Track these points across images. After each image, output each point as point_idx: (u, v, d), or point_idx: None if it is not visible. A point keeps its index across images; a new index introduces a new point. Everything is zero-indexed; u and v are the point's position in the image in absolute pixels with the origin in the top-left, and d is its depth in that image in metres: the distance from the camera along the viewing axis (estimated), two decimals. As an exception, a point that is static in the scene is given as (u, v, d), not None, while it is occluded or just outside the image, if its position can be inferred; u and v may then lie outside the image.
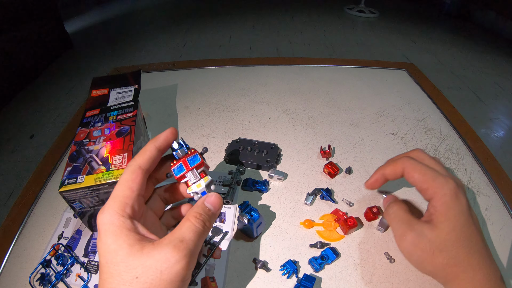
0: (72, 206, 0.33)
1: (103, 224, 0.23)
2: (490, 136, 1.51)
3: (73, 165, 0.33)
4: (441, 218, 0.28)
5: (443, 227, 0.27)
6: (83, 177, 0.32)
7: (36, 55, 2.07)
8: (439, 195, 0.28)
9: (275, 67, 0.73)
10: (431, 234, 0.27)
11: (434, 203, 0.29)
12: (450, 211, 0.28)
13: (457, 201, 0.28)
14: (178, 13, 3.19)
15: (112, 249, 0.22)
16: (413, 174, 0.31)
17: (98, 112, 0.40)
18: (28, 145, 1.51)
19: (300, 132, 0.53)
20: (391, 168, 0.33)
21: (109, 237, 0.22)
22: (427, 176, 0.30)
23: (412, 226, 0.29)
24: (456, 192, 0.28)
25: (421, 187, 0.30)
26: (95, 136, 0.37)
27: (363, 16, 2.97)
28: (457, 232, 0.27)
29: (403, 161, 0.32)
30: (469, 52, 2.30)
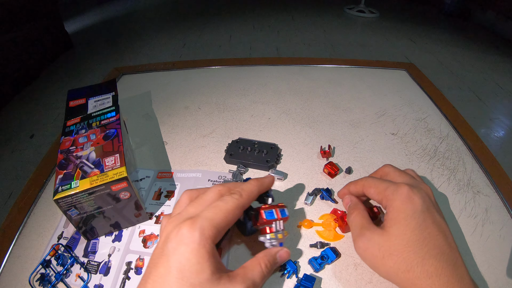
0: (67, 215, 0.32)
1: (192, 242, 0.23)
2: (490, 136, 1.51)
3: (64, 172, 0.33)
4: (391, 222, 0.27)
5: (392, 231, 0.27)
6: (77, 181, 0.32)
7: (36, 55, 2.07)
8: (390, 201, 0.29)
9: (275, 67, 0.73)
10: (380, 239, 0.27)
11: (387, 210, 0.29)
12: (399, 214, 0.27)
13: (408, 204, 0.27)
14: (178, 13, 3.19)
15: (194, 269, 0.23)
16: (369, 190, 0.32)
17: (79, 120, 0.40)
18: (28, 145, 1.51)
19: (300, 132, 0.53)
20: (353, 187, 0.35)
21: (195, 257, 0.23)
22: (379, 188, 0.30)
23: (364, 232, 0.29)
24: (408, 195, 0.28)
25: (378, 200, 0.31)
26: (81, 143, 0.37)
27: (363, 16, 2.97)
28: (408, 235, 0.26)
29: (363, 180, 0.33)
30: (469, 52, 2.30)
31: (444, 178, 0.44)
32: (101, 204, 0.33)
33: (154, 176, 0.45)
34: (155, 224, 0.39)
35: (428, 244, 0.26)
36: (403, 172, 0.33)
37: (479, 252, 0.35)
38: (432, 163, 0.47)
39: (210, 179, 0.44)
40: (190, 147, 0.51)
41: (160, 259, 0.24)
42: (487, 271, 0.33)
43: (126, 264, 0.35)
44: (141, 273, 0.34)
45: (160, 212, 0.40)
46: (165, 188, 0.43)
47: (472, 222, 0.39)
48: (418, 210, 0.27)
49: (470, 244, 0.36)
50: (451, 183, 0.44)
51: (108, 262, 0.35)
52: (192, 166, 0.47)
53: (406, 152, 0.49)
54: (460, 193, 0.42)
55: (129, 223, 0.38)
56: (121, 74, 0.73)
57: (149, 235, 0.38)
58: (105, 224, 0.36)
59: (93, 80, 1.95)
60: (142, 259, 0.35)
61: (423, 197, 0.28)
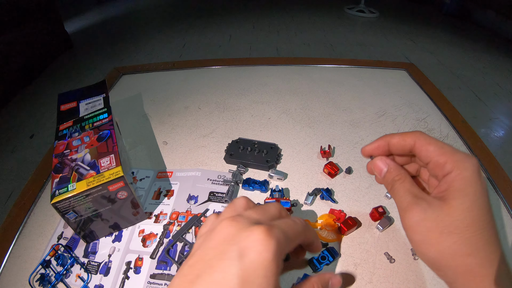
0: (65, 218, 0.32)
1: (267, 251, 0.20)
2: (490, 136, 1.51)
3: (60, 176, 0.33)
4: (457, 194, 0.22)
5: (457, 205, 0.22)
6: (74, 184, 0.32)
7: (36, 55, 2.07)
8: (459, 170, 0.23)
9: (275, 67, 0.73)
10: (440, 211, 0.22)
11: (451, 179, 0.23)
12: (469, 187, 0.22)
13: (479, 179, 0.23)
14: (178, 13, 3.19)
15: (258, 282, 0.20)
16: (428, 147, 0.25)
17: (71, 123, 0.40)
18: (28, 145, 1.51)
19: (300, 132, 0.53)
20: (399, 138, 0.27)
21: (264, 270, 0.20)
22: (444, 149, 0.24)
23: (418, 201, 0.24)
24: (478, 169, 0.23)
25: (437, 161, 0.24)
26: (75, 146, 0.37)
27: (363, 16, 2.97)
28: (474, 213, 0.22)
29: (414, 133, 0.26)
30: (469, 52, 2.30)
31: (444, 178, 0.44)
32: (98, 205, 0.33)
33: (153, 176, 0.45)
34: (154, 223, 0.39)
35: (492, 228, 0.22)
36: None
37: (479, 252, 0.35)
38: (432, 163, 0.47)
39: (210, 178, 0.44)
40: (190, 147, 0.51)
41: (218, 262, 0.20)
42: (487, 271, 0.33)
43: (125, 264, 0.35)
44: (140, 272, 0.34)
45: (160, 211, 0.40)
46: (164, 187, 0.43)
47: (472, 222, 0.38)
48: (485, 189, 0.23)
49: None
50: (451, 183, 0.44)
51: (108, 262, 0.35)
52: (192, 166, 0.47)
53: (406, 152, 0.49)
54: (460, 193, 0.42)
55: (128, 222, 0.38)
56: (121, 74, 0.73)
57: (148, 235, 0.38)
58: (104, 226, 0.36)
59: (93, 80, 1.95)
60: (141, 258, 0.35)
61: None
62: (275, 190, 0.42)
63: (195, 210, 0.40)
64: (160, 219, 0.39)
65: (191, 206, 0.41)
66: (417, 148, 0.26)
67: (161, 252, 0.36)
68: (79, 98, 0.45)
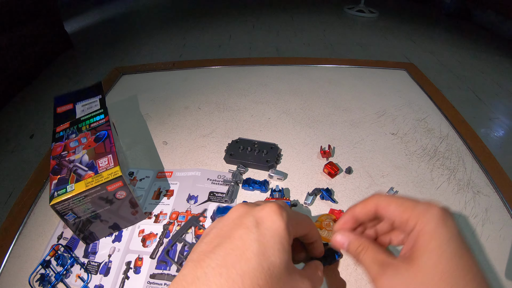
0: (65, 219, 0.32)
1: (280, 220, 0.23)
2: (490, 136, 1.51)
3: (58, 177, 0.33)
4: (421, 251, 0.22)
5: (423, 262, 0.22)
6: (73, 185, 0.32)
7: (36, 55, 2.07)
8: (421, 224, 0.23)
9: (275, 67, 0.73)
10: (408, 274, 0.22)
11: (415, 235, 0.24)
12: (433, 240, 0.22)
13: (443, 227, 0.23)
14: (178, 13, 3.19)
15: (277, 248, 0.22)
16: (388, 208, 0.26)
17: (68, 125, 0.40)
18: (28, 145, 1.51)
19: (300, 132, 0.53)
20: (361, 207, 0.28)
21: (279, 236, 0.22)
22: (405, 206, 0.25)
23: (385, 269, 0.24)
24: (442, 217, 0.23)
25: (400, 220, 0.25)
26: (72, 147, 0.37)
27: (363, 16, 2.97)
28: (443, 265, 0.22)
29: (374, 197, 0.27)
30: (469, 52, 2.30)
31: (444, 178, 0.44)
32: (97, 206, 0.33)
33: (153, 176, 0.45)
34: (154, 223, 0.39)
35: (468, 274, 0.22)
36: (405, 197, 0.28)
37: (479, 252, 0.35)
38: (432, 163, 0.47)
39: (209, 178, 0.44)
40: (190, 147, 0.51)
41: (235, 231, 0.22)
42: (487, 271, 0.33)
43: (125, 264, 0.35)
44: (140, 272, 0.34)
45: (160, 211, 0.40)
46: (164, 187, 0.43)
47: (472, 222, 0.38)
48: (454, 235, 0.23)
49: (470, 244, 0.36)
50: (451, 183, 0.44)
51: (108, 262, 0.35)
52: (192, 166, 0.47)
53: (406, 152, 0.49)
54: (460, 193, 0.42)
55: (128, 222, 0.38)
56: (121, 74, 0.73)
57: (148, 235, 0.38)
58: (104, 227, 0.36)
59: (93, 80, 1.95)
60: (141, 258, 0.35)
61: (455, 223, 0.24)
62: (275, 190, 0.42)
63: (195, 210, 0.40)
64: (160, 219, 0.39)
65: (191, 206, 0.41)
66: (380, 212, 0.27)
67: (161, 252, 0.36)
68: (75, 100, 0.45)
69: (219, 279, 0.20)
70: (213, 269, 0.21)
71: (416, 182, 0.44)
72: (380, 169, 0.46)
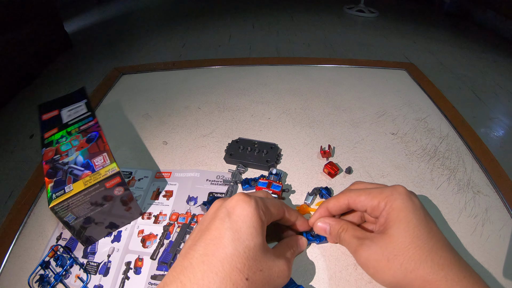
0: (64, 222, 0.32)
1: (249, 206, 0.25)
2: (490, 136, 1.51)
3: (54, 180, 0.33)
4: (392, 223, 0.26)
5: (393, 231, 0.26)
6: (71, 185, 0.32)
7: (36, 55, 2.07)
8: (389, 203, 0.27)
9: (275, 67, 0.73)
10: (382, 242, 0.26)
11: (385, 212, 0.27)
12: (401, 212, 0.26)
13: (409, 202, 0.26)
14: (177, 13, 3.19)
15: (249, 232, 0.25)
16: (360, 199, 0.29)
17: (57, 130, 0.40)
18: (28, 145, 1.51)
19: (300, 132, 0.53)
20: (334, 202, 0.32)
21: (250, 220, 0.25)
22: (373, 193, 0.29)
23: (362, 241, 0.28)
24: (407, 194, 0.27)
25: (371, 205, 0.29)
26: (64, 150, 0.36)
27: (363, 15, 2.97)
28: (411, 231, 0.25)
29: (345, 193, 0.31)
30: (469, 52, 2.30)
31: (444, 178, 0.44)
32: (96, 204, 0.33)
33: (152, 176, 0.45)
34: (154, 224, 0.39)
35: (433, 237, 0.25)
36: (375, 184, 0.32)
37: (479, 252, 0.35)
38: (432, 163, 0.47)
39: (209, 179, 0.44)
40: (190, 147, 0.51)
41: (212, 223, 0.25)
42: (487, 271, 0.33)
43: (125, 264, 0.35)
44: (140, 272, 0.34)
45: (159, 212, 0.40)
46: (163, 187, 0.43)
47: (472, 222, 0.38)
48: (418, 207, 0.27)
49: (470, 244, 0.36)
50: (451, 183, 0.44)
51: (107, 262, 0.35)
52: (192, 166, 0.47)
53: (406, 152, 0.49)
54: (460, 193, 0.42)
55: (124, 219, 0.38)
56: (121, 74, 0.73)
57: (148, 235, 0.38)
58: (100, 228, 0.36)
59: (93, 80, 1.95)
60: (141, 259, 0.35)
61: (418, 198, 0.28)
62: (271, 173, 0.42)
63: (195, 211, 0.40)
64: (160, 220, 0.39)
65: (190, 207, 0.41)
66: (352, 204, 0.30)
67: (161, 253, 0.36)
68: (60, 107, 0.44)
69: (203, 266, 0.23)
70: (197, 258, 0.23)
71: (416, 182, 0.44)
72: (380, 169, 0.46)
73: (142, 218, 0.40)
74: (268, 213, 0.28)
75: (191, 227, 0.38)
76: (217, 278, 0.22)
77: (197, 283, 0.22)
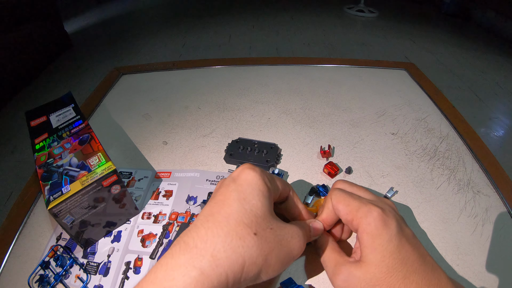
0: (63, 223, 0.32)
1: (254, 172, 0.26)
2: (490, 136, 1.51)
3: (50, 182, 0.33)
4: (367, 250, 0.26)
5: (370, 260, 0.25)
6: (68, 186, 0.32)
7: (36, 55, 2.07)
8: (363, 226, 0.26)
9: (275, 67, 0.73)
10: (359, 272, 0.26)
11: (359, 236, 0.27)
12: (375, 240, 0.26)
13: (384, 228, 0.26)
14: (177, 13, 3.19)
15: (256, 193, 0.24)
16: (338, 206, 0.29)
17: (47, 135, 0.40)
18: (28, 145, 1.51)
19: (300, 132, 0.53)
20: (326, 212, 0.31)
21: (256, 184, 0.25)
22: (351, 207, 0.28)
23: (339, 268, 0.27)
24: (382, 219, 0.26)
25: (346, 219, 0.28)
26: (57, 154, 0.36)
27: (363, 15, 2.97)
28: (387, 261, 0.25)
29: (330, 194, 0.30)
30: (469, 52, 2.30)
31: (444, 178, 0.44)
32: (95, 204, 0.34)
33: (152, 176, 0.45)
34: (153, 223, 0.39)
35: (407, 262, 0.25)
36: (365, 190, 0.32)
37: (479, 252, 0.35)
38: (432, 163, 0.47)
39: (208, 179, 0.44)
40: (190, 147, 0.51)
41: (217, 191, 0.25)
42: (487, 271, 0.33)
43: (125, 264, 0.35)
44: (140, 272, 0.34)
45: (159, 212, 0.40)
46: (163, 187, 0.43)
47: (472, 222, 0.38)
48: (394, 234, 0.26)
49: (470, 244, 0.36)
50: (451, 183, 0.44)
51: (107, 262, 0.35)
52: (192, 166, 0.47)
53: (406, 152, 0.49)
54: (460, 193, 0.42)
55: (122, 216, 0.38)
56: (121, 74, 0.73)
57: (147, 235, 0.38)
58: (99, 229, 0.36)
59: (93, 80, 1.95)
60: (140, 258, 0.35)
61: (395, 218, 0.27)
62: (274, 173, 0.43)
63: (194, 211, 0.40)
64: (159, 220, 0.39)
65: (190, 206, 0.41)
66: (333, 208, 0.30)
67: (160, 253, 0.36)
68: (48, 112, 0.44)
69: (207, 224, 0.22)
70: (201, 219, 0.23)
71: (416, 182, 0.44)
72: (380, 169, 0.46)
73: (142, 218, 0.40)
74: (273, 182, 0.27)
75: (191, 227, 0.38)
76: (222, 232, 0.22)
77: (201, 239, 0.21)
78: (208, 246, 0.21)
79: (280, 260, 0.24)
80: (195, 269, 0.20)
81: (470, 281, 0.32)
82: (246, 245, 0.22)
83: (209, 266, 0.20)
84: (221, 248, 0.21)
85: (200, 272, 0.20)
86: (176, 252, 0.21)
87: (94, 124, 0.56)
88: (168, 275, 0.20)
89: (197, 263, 0.20)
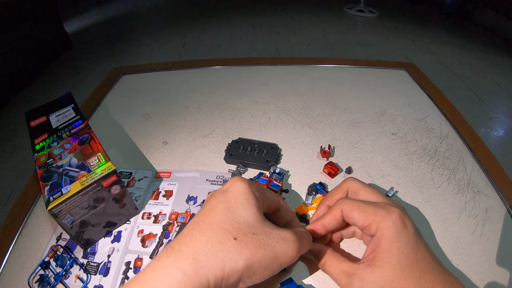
0: (63, 224, 0.32)
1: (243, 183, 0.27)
2: (490, 136, 1.51)
3: (50, 183, 0.33)
4: (384, 255, 0.26)
5: (385, 264, 0.25)
6: (68, 187, 0.32)
7: (36, 55, 2.07)
8: (382, 230, 0.26)
9: (275, 67, 0.73)
10: (373, 277, 0.25)
11: (377, 239, 0.27)
12: (393, 243, 0.26)
13: (403, 231, 0.26)
14: (177, 13, 3.19)
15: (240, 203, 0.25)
16: (352, 214, 0.28)
17: (47, 136, 0.40)
18: (28, 145, 1.51)
19: (300, 132, 0.53)
20: (330, 218, 0.30)
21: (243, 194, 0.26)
22: (366, 212, 0.28)
23: (352, 278, 0.27)
24: (402, 221, 0.26)
25: (363, 225, 0.28)
26: (57, 154, 0.36)
27: (363, 15, 2.96)
28: (402, 263, 0.25)
29: (339, 204, 0.30)
30: (469, 52, 2.29)
31: (444, 178, 0.44)
32: (94, 203, 0.34)
33: (152, 176, 0.45)
34: (153, 223, 0.39)
35: (421, 263, 0.25)
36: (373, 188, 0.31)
37: (479, 252, 0.35)
38: (432, 163, 0.47)
39: (208, 179, 0.44)
40: (190, 147, 0.51)
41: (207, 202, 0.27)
42: (487, 271, 0.33)
43: (125, 264, 0.35)
44: (140, 273, 0.34)
45: (159, 212, 0.40)
46: (163, 188, 0.43)
47: (472, 222, 0.38)
48: (411, 235, 0.26)
49: (470, 244, 0.36)
50: (451, 183, 0.44)
51: (107, 262, 0.35)
52: (192, 166, 0.47)
53: (406, 152, 0.49)
54: (460, 193, 0.42)
55: (122, 216, 0.38)
56: (121, 74, 0.73)
57: (147, 235, 0.38)
58: (99, 229, 0.36)
59: (93, 80, 1.95)
60: (140, 258, 0.35)
61: (411, 220, 0.27)
62: (275, 172, 0.43)
63: (194, 211, 0.40)
64: (159, 220, 0.39)
65: (190, 206, 0.41)
66: (345, 217, 0.30)
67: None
68: (48, 112, 0.44)
69: (192, 231, 0.24)
70: (188, 228, 0.25)
71: (416, 182, 0.44)
72: (380, 169, 0.46)
73: (142, 218, 0.40)
74: (262, 193, 0.28)
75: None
76: (204, 238, 0.23)
77: (185, 244, 0.23)
78: (191, 250, 0.23)
79: (264, 265, 0.24)
80: (178, 271, 0.22)
81: (470, 281, 0.32)
82: (226, 249, 0.23)
83: (191, 268, 0.22)
84: (202, 252, 0.23)
85: (183, 274, 0.21)
86: (163, 255, 0.23)
87: (94, 124, 0.56)
88: (154, 275, 0.22)
89: (180, 265, 0.22)
